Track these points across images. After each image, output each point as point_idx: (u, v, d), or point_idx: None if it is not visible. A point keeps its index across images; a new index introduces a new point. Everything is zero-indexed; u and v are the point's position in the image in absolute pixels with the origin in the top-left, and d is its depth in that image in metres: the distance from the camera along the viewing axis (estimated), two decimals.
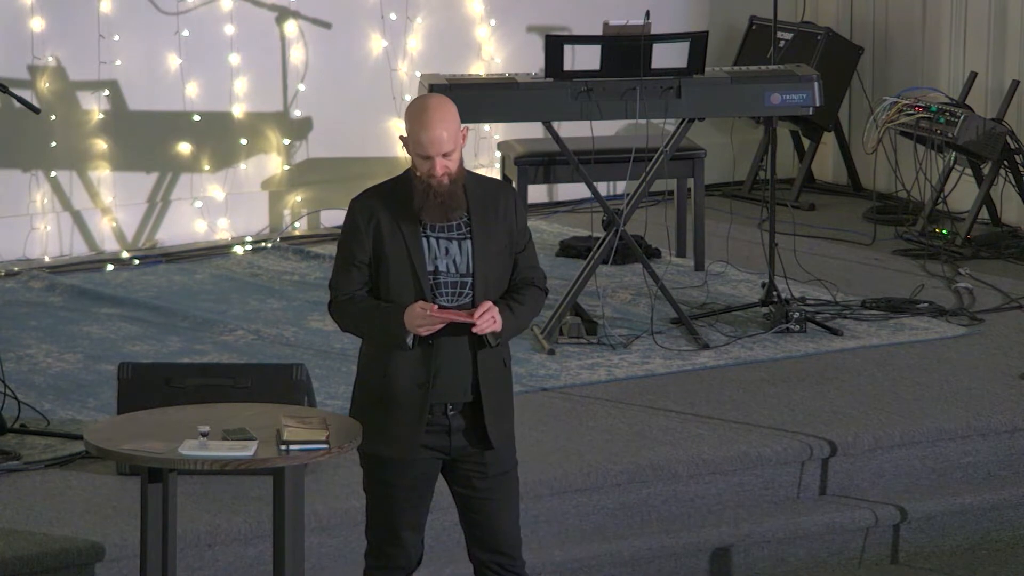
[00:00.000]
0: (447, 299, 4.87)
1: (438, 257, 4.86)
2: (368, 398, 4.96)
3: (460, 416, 4.92)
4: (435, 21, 8.94)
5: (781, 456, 6.27)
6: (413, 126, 4.85)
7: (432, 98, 4.89)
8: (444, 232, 4.87)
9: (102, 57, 8.41)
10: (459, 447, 4.94)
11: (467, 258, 4.87)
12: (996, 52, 8.89)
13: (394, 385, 4.89)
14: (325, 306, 7.73)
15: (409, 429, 4.90)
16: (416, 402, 4.89)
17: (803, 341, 7.26)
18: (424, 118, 4.82)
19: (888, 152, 8.73)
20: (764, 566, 6.12)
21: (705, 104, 7.43)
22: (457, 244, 4.88)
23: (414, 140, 4.85)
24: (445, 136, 4.82)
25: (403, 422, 4.90)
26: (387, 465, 4.95)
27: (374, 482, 5.00)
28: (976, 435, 6.47)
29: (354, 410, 5.04)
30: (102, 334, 7.40)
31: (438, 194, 4.83)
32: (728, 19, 9.39)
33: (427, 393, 4.88)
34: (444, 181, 4.83)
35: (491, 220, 4.91)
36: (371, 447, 4.96)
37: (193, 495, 5.82)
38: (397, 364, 4.88)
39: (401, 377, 4.88)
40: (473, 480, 4.95)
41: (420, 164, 4.85)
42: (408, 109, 4.90)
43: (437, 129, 4.81)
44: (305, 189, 8.81)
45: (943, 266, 8.21)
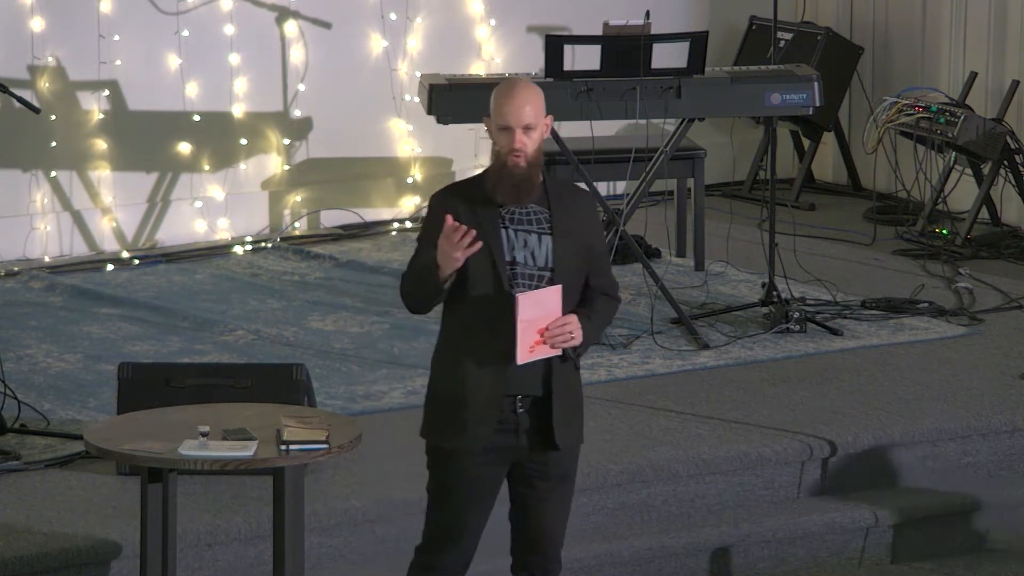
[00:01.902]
0: (523, 289, 4.83)
1: (516, 248, 4.84)
2: (441, 392, 4.92)
3: (528, 415, 4.89)
4: (435, 21, 8.94)
5: (781, 456, 6.27)
6: (497, 99, 4.83)
7: (521, 79, 4.94)
8: (523, 225, 4.85)
9: (102, 57, 8.41)
10: (525, 447, 4.91)
11: (546, 252, 4.86)
12: (996, 52, 8.89)
13: (468, 375, 4.84)
14: (325, 306, 7.80)
15: (481, 417, 4.85)
16: (489, 391, 4.83)
17: (803, 341, 7.25)
18: (510, 90, 4.82)
19: (888, 152, 8.73)
20: (764, 566, 6.12)
21: (705, 104, 7.44)
22: (537, 237, 4.86)
23: (496, 112, 4.82)
24: (528, 110, 4.81)
25: (475, 410, 4.85)
26: (454, 460, 4.89)
27: (439, 479, 4.94)
28: (976, 435, 6.47)
29: (427, 407, 4.98)
30: (102, 334, 7.40)
31: (513, 175, 4.81)
32: (728, 19, 9.39)
33: (500, 382, 4.82)
34: (520, 163, 4.81)
35: (571, 220, 4.90)
36: (441, 439, 4.90)
37: (193, 495, 5.81)
38: (476, 351, 4.83)
39: (480, 364, 4.83)
40: (534, 481, 4.93)
41: (500, 139, 4.83)
42: (496, 89, 4.88)
43: (521, 100, 4.80)
44: (305, 189, 8.81)
45: (943, 266, 8.21)
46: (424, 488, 5.05)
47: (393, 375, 6.95)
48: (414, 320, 7.59)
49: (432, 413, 4.96)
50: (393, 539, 5.88)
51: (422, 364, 7.05)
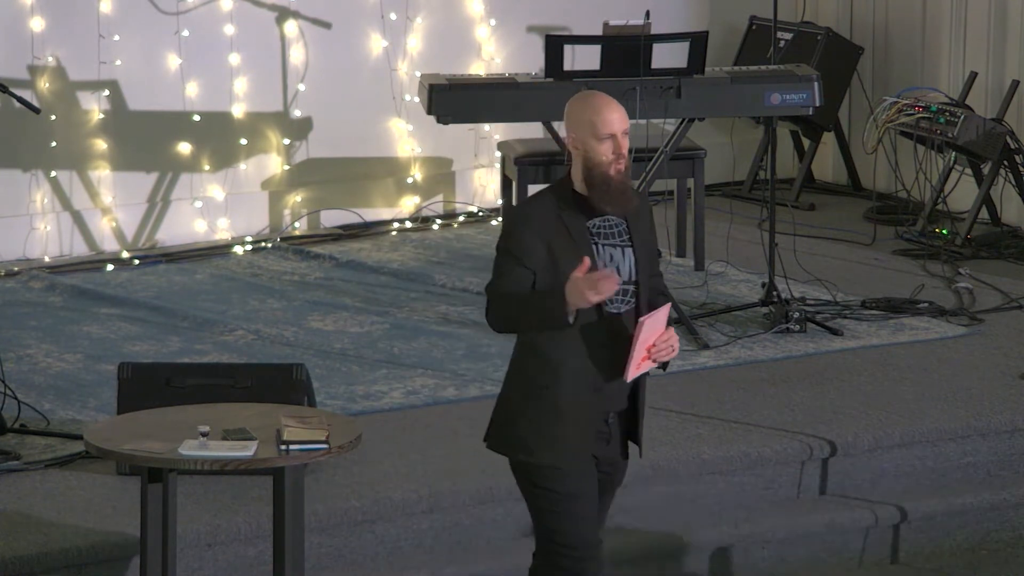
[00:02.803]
0: (615, 305, 4.84)
1: (606, 263, 4.84)
2: (538, 410, 4.84)
3: (616, 424, 4.91)
4: (435, 21, 8.94)
5: (781, 456, 6.27)
6: (589, 111, 4.81)
7: (591, 91, 4.92)
8: (608, 239, 4.86)
9: (102, 57, 8.41)
10: (609, 456, 4.92)
11: (630, 264, 4.87)
12: (996, 52, 8.89)
13: (569, 391, 4.81)
14: (325, 306, 7.80)
15: (582, 436, 4.83)
16: (591, 408, 4.83)
17: (803, 341, 7.25)
18: (599, 99, 4.82)
19: (888, 152, 8.72)
20: (764, 566, 6.12)
21: (705, 104, 7.43)
22: (620, 251, 4.87)
23: (593, 123, 4.79)
24: (619, 116, 4.82)
25: (577, 429, 4.83)
26: (567, 477, 4.85)
27: (553, 498, 4.86)
28: (976, 435, 6.47)
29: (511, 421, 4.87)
30: (102, 334, 7.40)
31: (622, 184, 4.80)
32: (728, 19, 9.39)
33: (601, 398, 4.83)
34: (622, 169, 4.81)
35: (641, 226, 4.92)
36: (544, 458, 4.83)
37: (193, 495, 5.81)
38: (573, 370, 4.81)
39: (577, 382, 4.81)
40: (605, 490, 4.95)
41: (600, 149, 4.79)
42: (572, 106, 4.85)
43: (616, 109, 4.81)
44: (305, 189, 8.81)
45: (943, 266, 8.21)
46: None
47: (393, 375, 6.95)
48: (414, 320, 7.59)
49: (527, 431, 4.85)
50: (393, 539, 5.88)
51: (422, 364, 7.09)
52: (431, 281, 8.05)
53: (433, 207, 8.97)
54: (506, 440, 4.91)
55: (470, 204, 9.04)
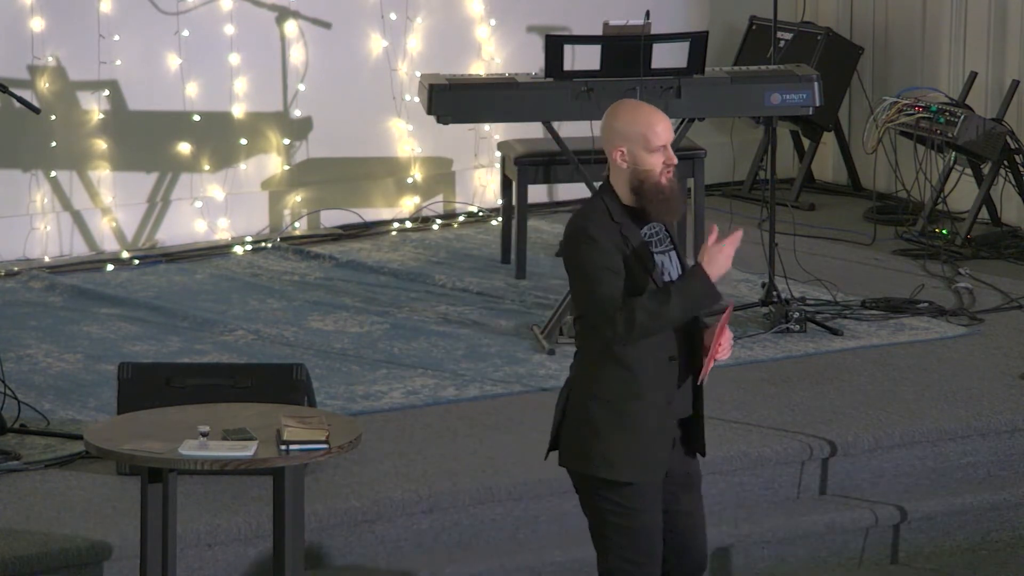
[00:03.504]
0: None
1: (662, 272, 4.87)
2: (616, 423, 4.81)
3: (679, 428, 4.91)
4: (435, 21, 8.94)
5: (781, 456, 6.27)
6: (636, 125, 4.80)
7: (631, 100, 4.91)
8: (658, 246, 4.88)
9: (102, 57, 8.41)
10: (675, 460, 4.91)
11: (677, 269, 4.90)
12: (996, 52, 8.89)
13: (649, 405, 4.81)
14: (325, 306, 7.80)
15: (663, 447, 4.84)
16: (666, 419, 4.85)
17: (803, 341, 7.25)
18: (643, 113, 4.82)
19: (888, 152, 8.72)
20: (764, 566, 6.12)
21: (705, 104, 7.43)
22: (668, 257, 4.90)
23: (642, 136, 4.79)
24: (667, 126, 4.83)
25: (659, 441, 4.84)
26: (643, 491, 4.83)
27: (629, 515, 4.84)
28: (976, 435, 6.47)
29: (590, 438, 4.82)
30: (102, 334, 7.40)
31: (675, 192, 4.81)
32: (728, 19, 9.39)
33: (674, 409, 4.85)
34: (671, 176, 4.83)
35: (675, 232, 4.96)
36: (634, 475, 4.81)
37: (193, 495, 5.81)
38: (650, 382, 4.80)
39: (655, 395, 4.81)
40: (679, 494, 4.92)
41: (651, 161, 4.80)
42: (617, 118, 4.82)
43: (661, 120, 4.82)
44: (305, 189, 8.81)
45: (943, 266, 8.21)
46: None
47: (393, 375, 6.95)
48: (414, 320, 7.59)
49: (616, 451, 4.82)
50: (393, 539, 5.88)
51: (421, 364, 7.09)
52: (431, 281, 8.05)
53: (433, 207, 8.97)
54: (586, 456, 4.84)
55: (470, 204, 9.04)
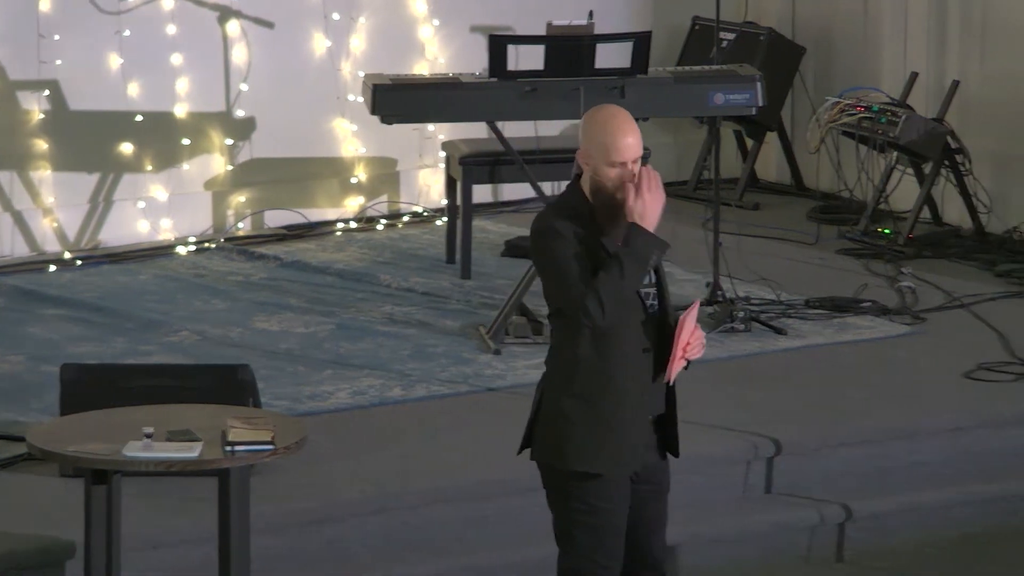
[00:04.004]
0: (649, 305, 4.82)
1: None
2: (586, 419, 4.79)
3: (652, 428, 4.88)
4: (378, 21, 8.92)
5: (727, 455, 6.29)
6: (604, 134, 4.74)
7: (612, 107, 4.81)
8: None
9: (42, 57, 8.35)
10: (646, 463, 4.88)
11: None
12: (936, 52, 8.95)
13: (623, 398, 4.78)
14: (270, 307, 7.76)
15: (635, 442, 4.81)
16: (642, 413, 4.82)
17: (748, 340, 7.28)
18: (615, 124, 4.74)
19: (831, 152, 8.77)
20: (711, 565, 6.13)
21: (649, 104, 7.45)
22: None
23: (606, 148, 4.72)
24: (637, 143, 4.76)
25: (630, 436, 4.80)
26: (610, 487, 4.81)
27: (594, 512, 4.81)
28: (920, 434, 6.51)
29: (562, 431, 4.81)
30: (45, 335, 7.35)
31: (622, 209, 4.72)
32: (671, 19, 9.41)
33: (646, 405, 4.80)
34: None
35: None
36: (595, 467, 4.78)
37: (138, 496, 5.77)
38: (625, 375, 4.78)
39: (629, 388, 4.78)
40: (649, 501, 4.90)
41: (609, 174, 4.74)
42: (590, 121, 4.77)
43: (631, 136, 4.74)
44: (249, 189, 8.77)
45: (886, 265, 8.25)
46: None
47: (339, 376, 6.93)
48: (359, 321, 7.57)
49: (587, 446, 4.79)
50: (341, 540, 5.86)
51: (368, 365, 7.07)
52: (376, 281, 8.03)
53: (378, 207, 8.95)
54: (559, 450, 4.82)
55: (415, 204, 9.02)
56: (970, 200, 8.58)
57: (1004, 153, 8.70)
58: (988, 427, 6.57)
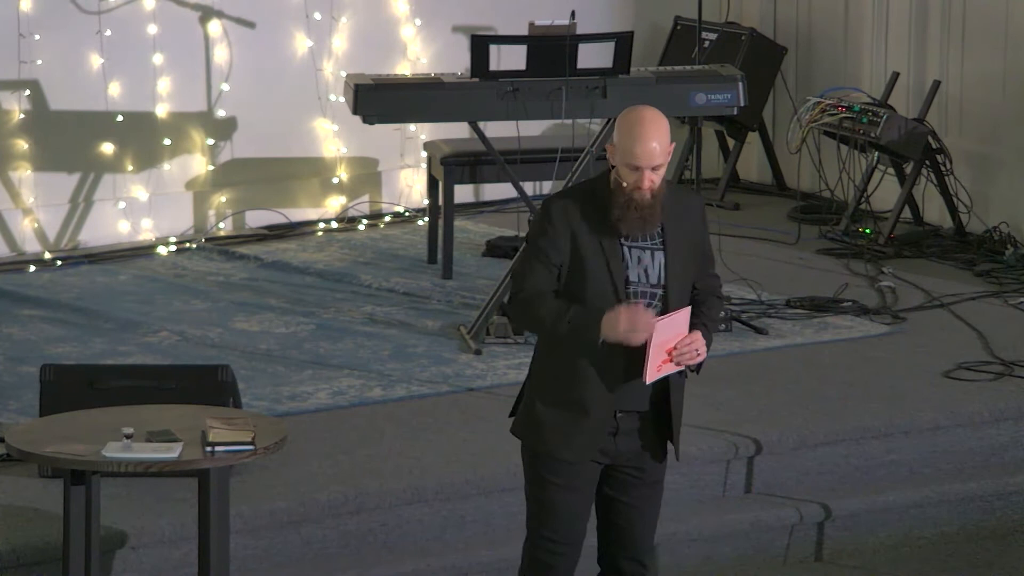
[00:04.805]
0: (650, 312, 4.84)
1: (631, 266, 4.83)
2: (551, 398, 4.88)
3: (628, 419, 4.90)
4: (360, 21, 8.92)
5: (707, 455, 6.29)
6: (626, 137, 4.79)
7: (648, 110, 4.84)
8: (638, 241, 4.85)
9: (22, 56, 8.34)
10: (623, 452, 4.91)
11: (659, 269, 4.85)
12: (917, 52, 8.97)
13: (584, 388, 4.84)
14: (251, 307, 7.76)
15: (594, 432, 4.86)
16: (605, 407, 4.85)
17: (728, 340, 7.28)
18: (639, 130, 4.78)
19: (812, 152, 8.78)
20: (691, 564, 6.14)
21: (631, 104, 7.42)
22: (650, 254, 4.86)
23: (625, 150, 4.78)
24: (657, 149, 4.79)
25: (590, 425, 4.85)
26: (558, 467, 4.88)
27: (541, 485, 4.91)
28: (899, 433, 6.52)
29: (529, 408, 4.93)
30: (24, 336, 7.34)
31: (639, 208, 4.79)
32: (653, 19, 9.42)
33: (616, 399, 4.84)
34: (647, 196, 4.79)
35: (682, 231, 4.90)
36: (553, 450, 4.87)
37: (117, 497, 5.77)
38: (590, 367, 4.83)
39: (593, 380, 4.83)
40: (630, 489, 4.93)
41: (627, 175, 4.79)
42: (622, 119, 4.82)
43: (651, 141, 4.77)
44: (230, 189, 8.76)
45: (866, 265, 8.27)
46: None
47: (319, 376, 6.92)
48: (340, 321, 7.57)
49: (539, 419, 4.90)
50: (319, 540, 5.86)
51: (348, 365, 7.06)
52: (357, 281, 8.02)
53: (359, 207, 8.95)
54: (523, 427, 4.96)
55: (396, 204, 9.02)
56: (951, 200, 8.60)
57: (985, 153, 8.73)
58: (966, 426, 6.58)
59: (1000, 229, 8.48)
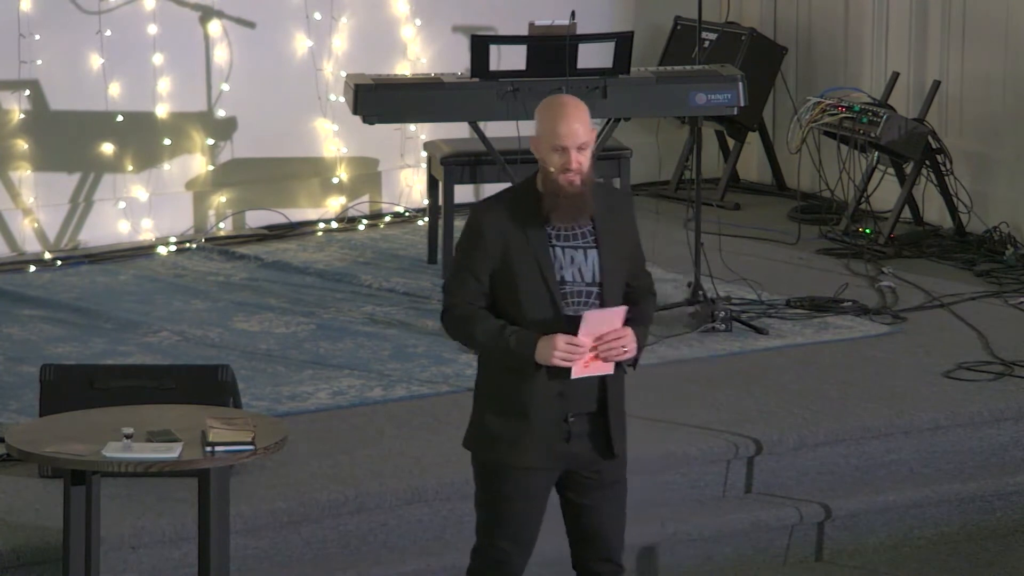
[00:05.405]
0: (572, 309, 4.83)
1: (564, 267, 4.82)
2: (499, 407, 4.87)
3: (579, 422, 4.89)
4: (360, 21, 8.92)
5: (707, 455, 6.29)
6: (547, 119, 4.80)
7: (567, 96, 4.88)
8: (570, 241, 4.84)
9: (22, 56, 8.34)
10: (577, 454, 4.90)
11: (592, 267, 4.85)
12: (917, 52, 8.97)
13: (532, 395, 4.83)
14: (251, 307, 7.76)
15: (545, 439, 4.85)
16: (554, 412, 4.85)
17: (729, 340, 7.29)
18: (560, 111, 4.79)
19: (812, 152, 8.78)
20: (690, 564, 6.14)
21: (631, 104, 7.46)
22: (583, 252, 4.85)
23: (548, 132, 4.78)
24: (581, 129, 4.78)
25: (540, 432, 4.84)
26: (511, 476, 4.87)
27: (494, 496, 4.90)
28: (899, 433, 6.52)
29: (478, 419, 4.92)
30: (24, 336, 7.34)
31: (569, 196, 4.78)
32: (653, 19, 9.42)
33: (561, 402, 4.84)
34: (575, 181, 4.78)
35: (614, 227, 4.89)
36: (500, 456, 4.86)
37: (117, 497, 5.77)
38: (535, 374, 4.82)
39: (540, 386, 4.83)
40: (590, 491, 4.93)
41: (553, 159, 4.79)
42: (540, 107, 4.84)
43: (573, 122, 4.77)
44: (230, 190, 8.76)
45: (866, 265, 8.27)
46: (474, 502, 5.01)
47: (319, 376, 6.93)
48: (340, 321, 7.57)
49: (488, 429, 4.89)
50: (319, 540, 5.86)
51: (348, 365, 7.06)
52: (357, 281, 8.03)
53: (359, 207, 8.95)
54: (474, 438, 4.95)
55: (396, 204, 9.02)
56: (951, 200, 8.60)
57: (984, 153, 8.73)
58: (966, 426, 6.58)
59: (1000, 229, 8.48)
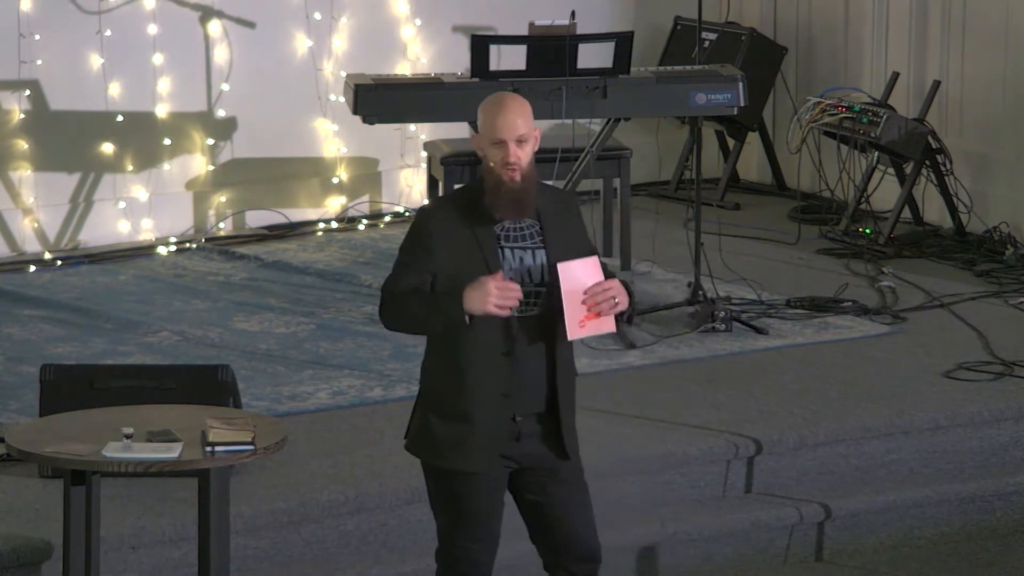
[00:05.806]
0: (521, 309, 4.80)
1: (512, 268, 4.81)
2: (442, 411, 4.85)
3: (527, 422, 4.87)
4: (360, 21, 8.92)
5: (707, 455, 6.30)
6: (487, 113, 4.81)
7: (508, 93, 4.90)
8: (518, 242, 4.83)
9: (22, 56, 8.34)
10: (528, 453, 4.88)
11: (540, 268, 4.83)
12: (917, 52, 8.97)
13: (474, 397, 4.81)
14: (251, 307, 7.76)
15: (491, 441, 4.83)
16: (499, 413, 4.82)
17: (729, 340, 7.29)
18: (500, 107, 4.80)
19: (812, 152, 8.78)
20: (690, 564, 6.14)
21: (631, 104, 7.46)
22: (531, 253, 4.84)
23: (488, 126, 4.79)
24: (520, 122, 4.79)
25: (485, 434, 4.82)
26: (462, 479, 4.85)
27: (449, 499, 4.88)
28: (899, 433, 6.52)
29: (422, 424, 4.90)
30: (24, 336, 7.34)
31: (510, 191, 4.78)
32: (653, 19, 9.42)
33: (507, 404, 4.81)
34: (516, 177, 4.78)
35: (562, 228, 4.88)
36: (446, 461, 4.85)
37: (117, 497, 5.77)
38: (477, 375, 4.80)
39: (483, 388, 4.81)
40: (548, 487, 4.90)
41: (493, 154, 4.79)
42: (483, 104, 4.86)
43: (512, 114, 4.78)
44: (230, 190, 8.76)
45: (866, 265, 8.27)
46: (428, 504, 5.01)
47: (319, 376, 6.93)
48: (340, 321, 7.57)
49: (433, 434, 4.87)
50: (319, 540, 5.86)
51: (348, 365, 7.06)
52: (357, 281, 8.02)
53: (359, 207, 8.95)
54: (419, 444, 4.94)
55: (396, 204, 9.02)
56: (951, 200, 8.60)
57: (984, 153, 8.73)
58: (966, 426, 6.58)
59: (1000, 229, 8.48)
